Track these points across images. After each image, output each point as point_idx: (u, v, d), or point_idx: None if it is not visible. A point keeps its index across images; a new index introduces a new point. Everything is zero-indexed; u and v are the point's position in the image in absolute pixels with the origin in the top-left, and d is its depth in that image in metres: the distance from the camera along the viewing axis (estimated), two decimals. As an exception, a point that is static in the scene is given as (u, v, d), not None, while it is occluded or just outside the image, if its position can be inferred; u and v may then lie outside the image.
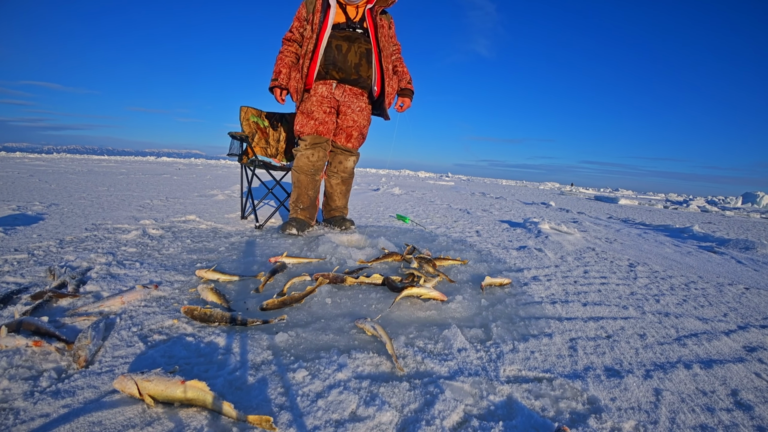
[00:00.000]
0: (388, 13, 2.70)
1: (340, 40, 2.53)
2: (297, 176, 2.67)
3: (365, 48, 2.59)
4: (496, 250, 2.61)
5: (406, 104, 2.81)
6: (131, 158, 19.17)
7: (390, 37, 2.70)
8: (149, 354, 1.03)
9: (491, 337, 1.26)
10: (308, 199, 2.70)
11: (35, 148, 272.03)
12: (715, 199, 14.96)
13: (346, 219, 2.87)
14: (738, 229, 5.51)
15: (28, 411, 0.79)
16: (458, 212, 4.93)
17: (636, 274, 2.23)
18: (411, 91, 2.81)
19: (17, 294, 1.36)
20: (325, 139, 2.66)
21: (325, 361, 1.04)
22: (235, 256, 2.06)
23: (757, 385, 1.09)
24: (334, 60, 2.55)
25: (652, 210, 8.67)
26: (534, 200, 9.02)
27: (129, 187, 5.57)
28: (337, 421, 0.82)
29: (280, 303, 1.38)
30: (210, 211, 3.59)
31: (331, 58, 2.55)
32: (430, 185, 13.17)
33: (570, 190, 17.97)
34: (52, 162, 11.36)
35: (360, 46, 2.57)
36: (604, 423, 0.88)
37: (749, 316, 1.64)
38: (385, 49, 2.63)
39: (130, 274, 1.65)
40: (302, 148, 2.65)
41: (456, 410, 0.88)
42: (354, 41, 2.55)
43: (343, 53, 2.55)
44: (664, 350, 1.26)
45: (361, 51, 2.58)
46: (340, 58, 2.55)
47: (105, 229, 2.52)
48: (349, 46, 2.55)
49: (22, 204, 3.30)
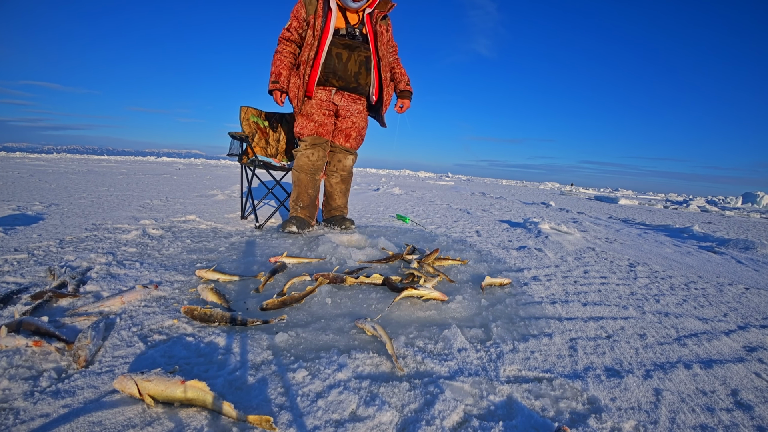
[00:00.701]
0: (388, 16, 2.70)
1: (340, 48, 2.54)
2: (297, 175, 2.69)
3: (364, 56, 2.62)
4: (496, 250, 2.61)
5: (405, 105, 2.82)
6: (131, 158, 19.17)
7: (388, 41, 2.71)
8: (149, 354, 1.03)
9: (491, 337, 1.26)
10: (308, 198, 2.71)
11: (35, 148, 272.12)
12: (715, 199, 14.96)
13: (346, 218, 2.88)
14: (738, 229, 5.51)
15: (28, 411, 0.79)
16: (458, 212, 4.93)
17: (636, 274, 2.23)
18: (410, 92, 2.83)
19: (17, 294, 1.36)
20: (325, 139, 2.69)
21: (325, 361, 1.04)
22: (235, 256, 2.06)
23: (757, 385, 1.09)
24: (334, 69, 2.56)
25: (652, 210, 8.67)
26: (534, 200, 9.01)
27: (129, 187, 5.57)
28: (337, 421, 0.82)
29: (280, 303, 1.38)
30: (210, 211, 3.59)
31: (331, 67, 2.56)
32: (430, 185, 13.17)
33: (570, 190, 17.97)
34: (52, 162, 11.36)
35: (360, 55, 2.60)
36: (604, 423, 0.88)
37: (749, 316, 1.64)
38: (384, 57, 2.66)
39: (130, 274, 1.65)
40: (302, 148, 2.67)
41: (456, 410, 0.88)
42: (354, 50, 2.57)
43: (344, 62, 2.56)
44: (664, 350, 1.26)
45: (360, 59, 2.61)
46: (341, 66, 2.56)
47: (105, 229, 2.52)
48: (349, 55, 2.57)
49: (22, 204, 3.30)
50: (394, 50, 2.79)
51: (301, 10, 2.51)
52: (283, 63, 2.56)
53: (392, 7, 2.64)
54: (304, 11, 2.51)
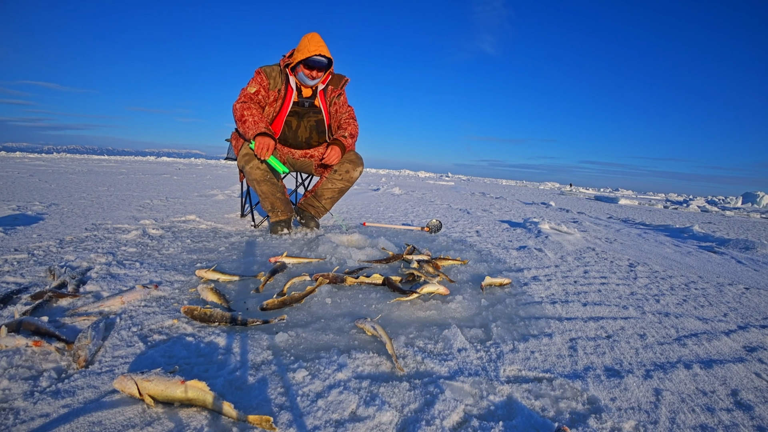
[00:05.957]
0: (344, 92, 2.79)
1: (290, 116, 2.65)
2: (258, 188, 2.58)
3: (315, 120, 2.71)
4: (496, 250, 2.61)
5: (327, 157, 2.58)
6: (131, 158, 19.18)
7: (342, 104, 2.77)
8: (149, 354, 1.03)
9: (491, 337, 1.26)
10: (281, 202, 2.67)
11: (35, 148, 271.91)
12: (715, 199, 14.96)
13: (314, 219, 2.84)
14: (738, 229, 5.51)
15: (28, 411, 0.79)
16: (458, 212, 4.93)
17: (636, 274, 2.23)
18: (341, 144, 2.63)
19: (17, 294, 1.36)
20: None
21: (325, 361, 1.04)
22: (235, 256, 2.06)
23: (757, 385, 1.09)
24: (285, 137, 2.70)
25: (652, 210, 8.67)
26: (534, 200, 9.01)
27: (129, 187, 5.57)
28: (337, 421, 0.82)
29: (280, 303, 1.38)
30: (210, 211, 3.59)
31: (282, 136, 2.68)
32: (430, 185, 13.17)
33: (570, 190, 17.97)
34: (52, 162, 11.36)
35: (309, 120, 2.69)
36: (604, 423, 0.88)
37: (749, 316, 1.64)
38: (335, 119, 2.76)
39: (130, 274, 1.65)
40: (248, 159, 2.51)
41: (456, 410, 0.88)
42: (303, 116, 2.67)
43: (293, 129, 2.69)
44: (664, 350, 1.26)
45: (311, 124, 2.71)
46: (291, 135, 2.72)
47: (105, 229, 2.52)
48: (298, 123, 2.68)
49: (22, 204, 3.30)
50: (348, 113, 2.79)
51: (266, 81, 2.56)
52: (260, 116, 2.51)
53: (346, 82, 2.76)
54: (268, 83, 2.56)
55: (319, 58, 2.46)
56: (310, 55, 2.43)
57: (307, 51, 2.43)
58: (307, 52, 2.43)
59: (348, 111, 2.80)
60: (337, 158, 2.60)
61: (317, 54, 2.43)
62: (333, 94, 2.71)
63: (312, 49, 2.43)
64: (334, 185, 2.78)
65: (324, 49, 2.46)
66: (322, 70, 2.54)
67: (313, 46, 2.44)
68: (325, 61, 2.49)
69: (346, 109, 2.79)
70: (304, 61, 2.47)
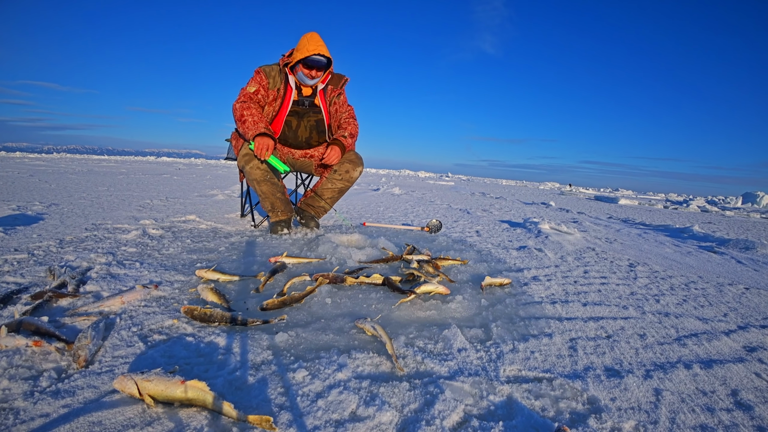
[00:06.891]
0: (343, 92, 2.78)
1: (290, 115, 2.65)
2: (257, 187, 2.58)
3: (315, 120, 2.70)
4: (496, 250, 2.61)
5: (327, 157, 2.59)
6: (131, 158, 19.17)
7: (342, 104, 2.77)
8: (149, 354, 1.03)
9: (491, 337, 1.26)
10: (281, 202, 2.67)
11: (35, 148, 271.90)
12: (715, 199, 14.96)
13: (314, 219, 2.83)
14: (738, 229, 5.51)
15: (28, 411, 0.79)
16: (458, 212, 4.94)
17: (636, 274, 2.23)
18: (341, 144, 2.63)
19: (17, 294, 1.36)
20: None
21: (325, 361, 1.04)
22: (235, 256, 2.06)
23: (757, 385, 1.09)
24: (285, 137, 2.69)
25: (652, 210, 8.67)
26: (534, 200, 9.02)
27: (129, 187, 5.57)
28: (337, 421, 0.82)
29: (280, 303, 1.38)
30: (210, 211, 3.59)
31: (282, 135, 2.68)
32: (430, 185, 13.18)
33: (570, 190, 17.97)
34: (52, 162, 11.36)
35: (309, 120, 2.69)
36: (604, 423, 0.88)
37: (749, 316, 1.64)
38: (336, 118, 2.75)
39: (130, 274, 1.65)
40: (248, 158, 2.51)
41: (456, 410, 0.88)
42: (303, 116, 2.67)
43: (293, 129, 2.69)
44: (664, 350, 1.26)
45: (310, 124, 2.70)
46: (291, 134, 2.70)
47: (105, 229, 2.52)
48: (298, 122, 2.67)
49: (22, 204, 3.30)
50: (348, 113, 2.79)
51: (265, 81, 2.56)
52: (260, 115, 2.51)
53: (345, 82, 2.76)
54: (267, 83, 2.56)
55: (318, 58, 2.46)
56: (309, 55, 2.43)
57: (306, 50, 2.44)
58: (306, 52, 2.43)
59: (348, 110, 2.79)
60: (337, 158, 2.60)
61: (316, 53, 2.43)
62: (333, 93, 2.70)
63: (311, 48, 2.43)
64: (334, 185, 2.77)
65: (323, 48, 2.46)
66: (321, 70, 2.54)
67: (312, 46, 2.44)
68: (324, 61, 2.49)
69: (346, 108, 2.78)
70: (303, 61, 2.47)
